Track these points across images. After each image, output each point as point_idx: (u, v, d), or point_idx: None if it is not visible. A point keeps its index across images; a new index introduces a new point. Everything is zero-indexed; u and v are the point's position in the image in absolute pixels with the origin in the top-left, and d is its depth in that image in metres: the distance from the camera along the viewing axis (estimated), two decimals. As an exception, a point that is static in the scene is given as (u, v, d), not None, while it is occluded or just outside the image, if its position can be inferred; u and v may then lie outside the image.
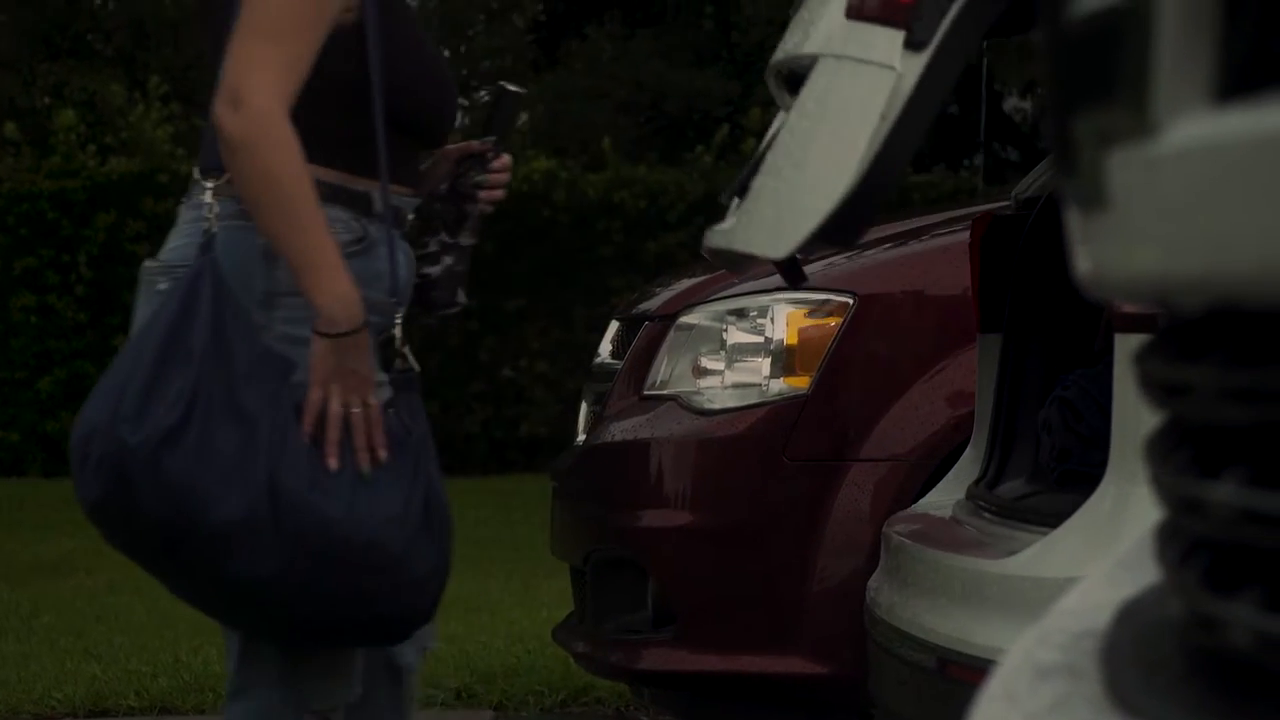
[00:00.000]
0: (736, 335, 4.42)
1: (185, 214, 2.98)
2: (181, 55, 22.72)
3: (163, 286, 2.91)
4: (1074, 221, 0.89)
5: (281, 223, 2.81)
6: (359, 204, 2.95)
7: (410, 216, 3.07)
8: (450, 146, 3.18)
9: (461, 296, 3.19)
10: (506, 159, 3.21)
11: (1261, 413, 0.77)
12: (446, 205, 3.20)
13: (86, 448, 2.83)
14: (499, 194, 3.24)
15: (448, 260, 3.16)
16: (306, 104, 2.86)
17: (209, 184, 2.93)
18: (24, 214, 13.81)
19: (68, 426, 13.69)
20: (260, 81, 2.79)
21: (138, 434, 2.77)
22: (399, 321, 3.01)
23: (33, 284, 13.82)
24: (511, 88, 3.30)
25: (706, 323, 4.48)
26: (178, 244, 2.97)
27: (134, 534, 2.85)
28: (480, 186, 3.21)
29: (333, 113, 2.92)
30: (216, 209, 2.91)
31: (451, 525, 3.01)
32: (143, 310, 2.96)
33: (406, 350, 3.01)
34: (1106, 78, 0.82)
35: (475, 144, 3.25)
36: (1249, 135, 0.71)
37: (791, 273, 2.75)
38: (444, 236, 3.18)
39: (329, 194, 2.90)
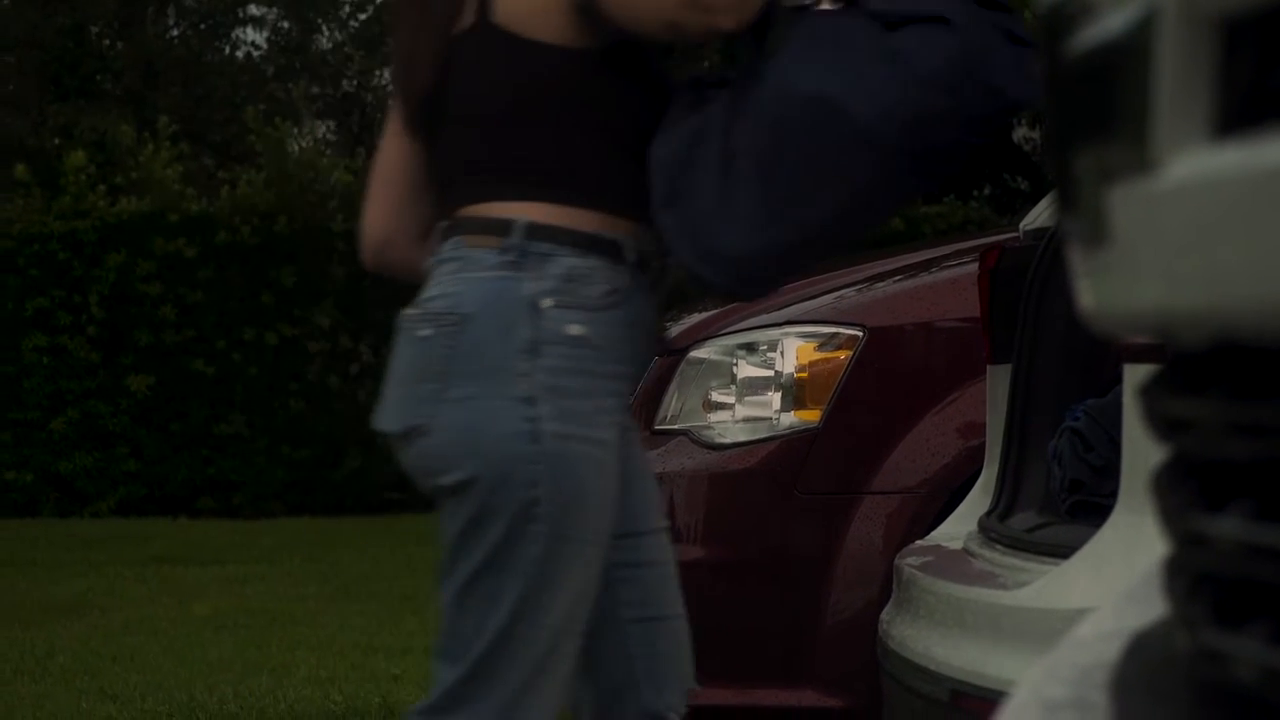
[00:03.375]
0: (746, 369, 4.41)
1: (444, 265, 2.86)
2: (190, 94, 22.80)
3: (425, 333, 2.80)
4: (1076, 256, 0.89)
5: None
6: (612, 253, 2.83)
7: (653, 263, 2.92)
8: None
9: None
10: None
11: (1265, 447, 0.77)
12: None
13: None
14: None
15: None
16: (562, 140, 2.81)
17: (466, 238, 2.84)
18: (35, 255, 13.84)
19: (80, 467, 13.51)
20: None
21: None
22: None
23: (44, 325, 13.84)
24: None
25: (716, 357, 4.47)
26: (438, 292, 2.84)
27: None
28: None
29: (591, 150, 2.83)
30: (481, 259, 2.81)
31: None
32: (402, 355, 2.85)
33: None
34: (1106, 114, 0.82)
35: None
36: (1248, 170, 0.71)
37: None
38: None
39: (586, 243, 2.80)
